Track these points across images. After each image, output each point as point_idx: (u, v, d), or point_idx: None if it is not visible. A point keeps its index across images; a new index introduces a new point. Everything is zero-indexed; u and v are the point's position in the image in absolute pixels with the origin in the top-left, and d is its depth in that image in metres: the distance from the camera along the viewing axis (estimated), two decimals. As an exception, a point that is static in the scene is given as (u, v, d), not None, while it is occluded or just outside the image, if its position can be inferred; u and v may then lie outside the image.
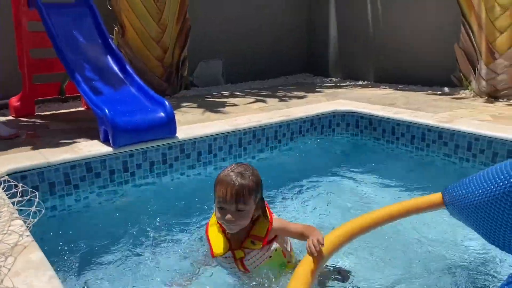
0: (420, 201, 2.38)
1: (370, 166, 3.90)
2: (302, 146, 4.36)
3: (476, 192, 2.00)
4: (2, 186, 2.32)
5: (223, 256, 1.97)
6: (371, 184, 3.51)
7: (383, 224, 2.21)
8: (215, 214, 1.92)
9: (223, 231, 1.98)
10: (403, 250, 2.48)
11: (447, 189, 2.26)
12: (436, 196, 2.31)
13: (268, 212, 1.99)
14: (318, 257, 1.72)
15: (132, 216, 2.96)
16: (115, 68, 4.02)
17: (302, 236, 1.92)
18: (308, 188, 3.46)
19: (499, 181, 1.85)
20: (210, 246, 1.98)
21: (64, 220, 2.96)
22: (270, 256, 1.98)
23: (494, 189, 1.88)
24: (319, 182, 3.58)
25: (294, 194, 3.35)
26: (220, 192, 1.82)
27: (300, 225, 1.99)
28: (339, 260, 2.31)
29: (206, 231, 2.03)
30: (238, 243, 1.96)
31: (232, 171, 1.86)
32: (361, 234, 2.08)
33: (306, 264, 1.70)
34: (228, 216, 1.82)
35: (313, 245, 1.72)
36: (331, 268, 2.17)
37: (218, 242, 1.97)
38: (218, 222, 1.97)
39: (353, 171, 3.79)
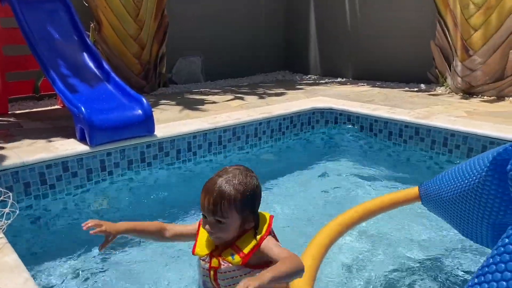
0: (397, 195, 2.42)
1: (349, 162, 3.94)
2: (282, 143, 4.38)
3: (449, 187, 2.05)
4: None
5: (201, 258, 1.78)
6: (350, 180, 3.55)
7: (363, 221, 2.24)
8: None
9: None
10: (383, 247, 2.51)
11: (423, 184, 2.30)
12: (413, 190, 2.36)
13: (264, 229, 1.71)
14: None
15: (110, 216, 2.92)
16: (92, 65, 3.95)
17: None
18: (288, 185, 3.47)
19: (468, 176, 1.89)
20: (195, 242, 1.80)
21: (39, 221, 2.89)
22: None
23: (464, 184, 1.92)
24: (299, 178, 3.60)
25: (274, 191, 3.36)
26: (201, 198, 1.65)
27: (285, 252, 1.62)
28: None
29: (199, 226, 1.81)
30: (219, 251, 1.73)
31: (219, 176, 1.66)
32: (342, 235, 2.10)
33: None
34: (207, 226, 1.66)
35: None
36: None
37: (204, 241, 1.78)
38: None
39: (332, 167, 3.82)
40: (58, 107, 5.07)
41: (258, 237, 1.67)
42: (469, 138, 3.59)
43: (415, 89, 5.93)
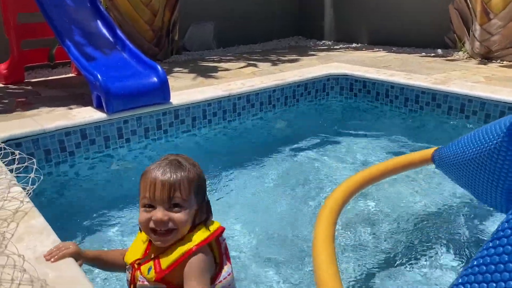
0: (412, 156, 2.43)
1: (364, 129, 3.93)
2: (296, 110, 4.36)
3: (465, 152, 2.05)
4: (-2, 153, 2.31)
5: (127, 266, 1.46)
6: (364, 146, 3.55)
7: (376, 182, 2.26)
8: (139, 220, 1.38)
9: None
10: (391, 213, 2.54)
11: (438, 149, 2.30)
12: (427, 152, 2.36)
13: (202, 237, 1.37)
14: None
15: (127, 182, 2.99)
16: (106, 32, 3.93)
17: None
18: (303, 151, 3.49)
19: (484, 141, 1.90)
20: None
21: (60, 187, 2.98)
22: None
23: (480, 149, 1.93)
24: (314, 145, 3.61)
25: (288, 158, 3.38)
26: (147, 183, 1.34)
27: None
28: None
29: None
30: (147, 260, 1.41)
31: (164, 159, 1.41)
32: (360, 190, 2.13)
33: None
34: (158, 214, 1.31)
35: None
36: None
37: (134, 245, 1.48)
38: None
39: (346, 134, 3.82)
40: (73, 75, 5.09)
41: (192, 242, 1.35)
42: (487, 104, 3.54)
43: (432, 54, 5.81)
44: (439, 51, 5.96)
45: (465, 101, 3.69)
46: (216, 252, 1.44)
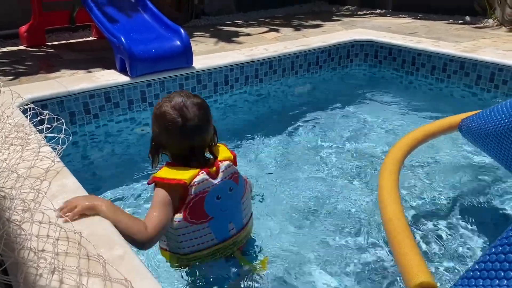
0: (439, 124, 2.38)
1: (389, 97, 3.86)
2: (319, 77, 4.29)
3: (495, 122, 1.99)
4: (26, 115, 2.32)
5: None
6: (388, 115, 3.49)
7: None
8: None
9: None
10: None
11: (466, 118, 2.24)
12: (455, 119, 2.30)
13: (169, 173, 1.52)
14: None
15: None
16: (128, -6, 3.87)
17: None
18: (327, 118, 3.45)
19: None
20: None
21: (85, 149, 3.01)
22: None
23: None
24: (337, 112, 3.56)
25: (311, 125, 3.35)
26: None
27: (149, 217, 1.45)
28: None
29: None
30: None
31: (181, 95, 1.56)
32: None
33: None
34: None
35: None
36: None
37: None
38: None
39: (370, 102, 3.76)
40: (93, 38, 5.07)
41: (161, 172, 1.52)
42: (518, 73, 3.42)
43: (460, 21, 5.61)
44: (467, 18, 5.74)
45: (495, 70, 3.57)
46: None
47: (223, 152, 1.63)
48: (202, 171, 1.51)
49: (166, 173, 1.51)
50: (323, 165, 2.71)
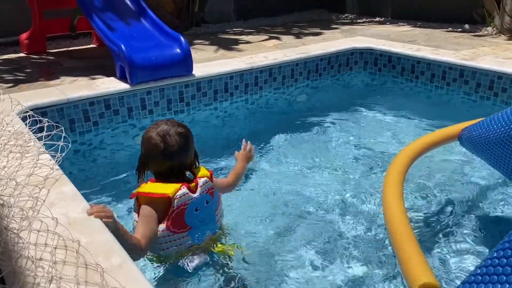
0: (440, 133, 2.38)
1: (388, 105, 3.86)
2: (318, 85, 4.30)
3: (495, 130, 1.99)
4: (25, 122, 2.32)
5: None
6: (387, 123, 3.50)
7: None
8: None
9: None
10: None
11: (466, 128, 2.24)
12: (453, 129, 2.31)
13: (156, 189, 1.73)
14: None
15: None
16: (129, 3, 3.89)
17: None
18: (324, 127, 3.45)
19: None
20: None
21: (84, 157, 3.01)
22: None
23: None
24: (337, 120, 3.57)
25: (310, 133, 3.35)
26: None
27: (139, 234, 1.66)
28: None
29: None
30: None
31: (166, 124, 1.79)
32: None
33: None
34: None
35: None
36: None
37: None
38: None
39: (369, 110, 3.76)
40: (94, 45, 5.09)
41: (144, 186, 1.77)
42: (517, 81, 3.43)
43: (459, 29, 5.63)
44: (466, 26, 5.76)
45: (494, 77, 3.57)
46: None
47: (201, 170, 1.88)
48: (183, 185, 1.74)
49: (150, 188, 1.74)
50: (322, 173, 2.71)
